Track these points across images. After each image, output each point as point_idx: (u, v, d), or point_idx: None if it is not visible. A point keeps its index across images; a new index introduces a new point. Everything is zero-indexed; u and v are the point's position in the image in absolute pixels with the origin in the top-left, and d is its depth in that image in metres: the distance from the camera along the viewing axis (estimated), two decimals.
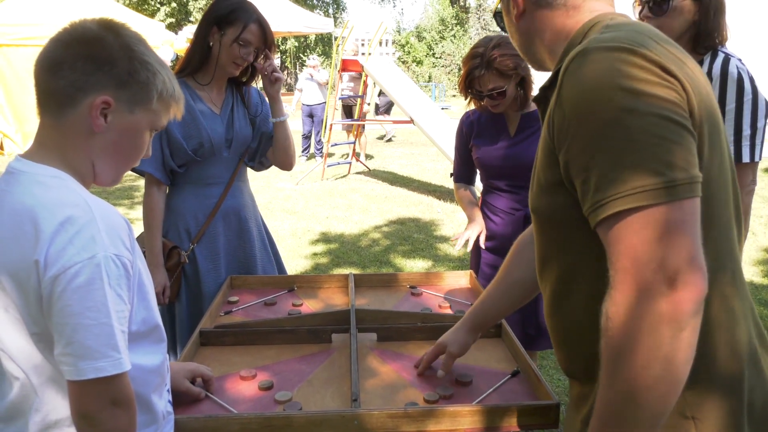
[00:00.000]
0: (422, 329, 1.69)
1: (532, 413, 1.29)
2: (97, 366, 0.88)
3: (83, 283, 0.88)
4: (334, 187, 7.75)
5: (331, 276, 2.17)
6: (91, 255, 0.89)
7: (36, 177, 0.95)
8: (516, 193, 2.17)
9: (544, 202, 0.95)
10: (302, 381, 1.46)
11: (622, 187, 0.77)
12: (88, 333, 0.88)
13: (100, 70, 0.96)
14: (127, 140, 1.02)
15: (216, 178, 2.08)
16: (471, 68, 2.05)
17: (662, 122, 0.77)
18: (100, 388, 0.90)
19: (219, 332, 1.66)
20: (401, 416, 1.25)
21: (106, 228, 0.92)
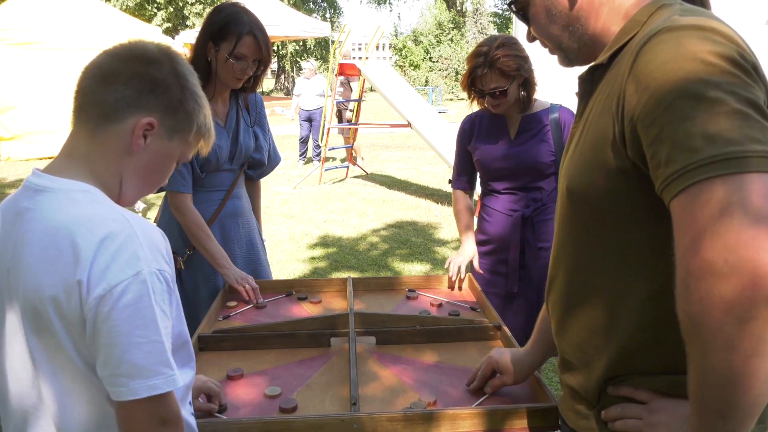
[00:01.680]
0: (421, 332, 1.69)
1: (532, 416, 1.28)
2: (150, 384, 0.87)
3: (131, 302, 0.86)
4: (332, 191, 7.75)
5: (329, 280, 2.17)
6: (136, 272, 0.87)
7: (66, 193, 0.92)
8: (514, 194, 2.18)
9: (591, 183, 0.91)
10: (301, 385, 1.46)
11: (694, 157, 0.72)
12: (139, 351, 0.86)
13: (153, 92, 0.96)
14: (159, 165, 1.02)
15: (218, 186, 2.10)
16: (474, 66, 2.06)
17: (746, 103, 0.73)
18: (151, 407, 0.88)
19: (217, 337, 1.66)
20: (400, 419, 1.25)
21: (146, 243, 0.90)
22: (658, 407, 0.89)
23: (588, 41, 0.98)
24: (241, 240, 2.19)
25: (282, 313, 1.94)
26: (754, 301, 0.68)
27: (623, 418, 0.93)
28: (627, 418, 0.92)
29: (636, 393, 0.92)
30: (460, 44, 37.58)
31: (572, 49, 1.01)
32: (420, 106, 7.58)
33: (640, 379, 0.92)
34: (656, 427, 0.88)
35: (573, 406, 1.03)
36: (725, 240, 0.69)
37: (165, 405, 0.90)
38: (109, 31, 9.51)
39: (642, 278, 0.89)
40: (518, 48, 2.06)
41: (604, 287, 0.93)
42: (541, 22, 1.02)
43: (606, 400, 0.96)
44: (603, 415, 0.95)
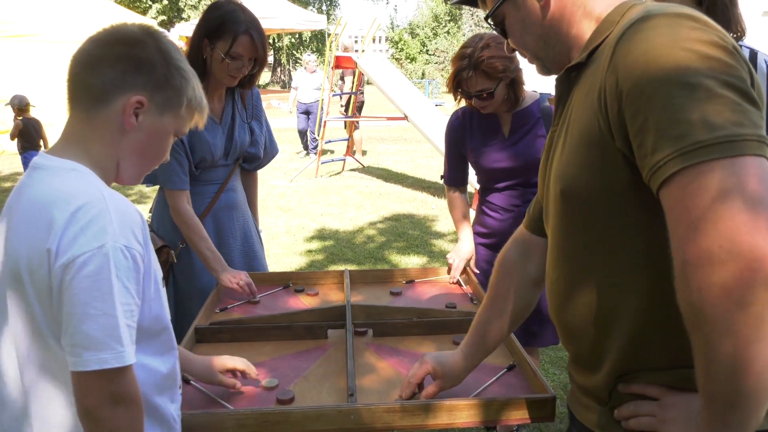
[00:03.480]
0: (418, 324, 1.69)
1: (529, 406, 1.29)
2: (101, 357, 0.88)
3: (91, 273, 0.88)
4: (329, 184, 7.74)
5: (326, 272, 2.17)
6: (100, 244, 0.89)
7: (56, 171, 0.96)
8: (514, 190, 2.16)
9: (583, 182, 0.91)
10: (298, 377, 1.46)
11: (682, 143, 0.72)
12: (93, 323, 0.88)
13: (138, 71, 0.99)
14: (154, 142, 1.05)
15: (212, 180, 2.09)
16: (459, 69, 2.01)
17: (729, 87, 0.73)
18: (101, 381, 0.89)
19: (214, 329, 1.66)
20: (398, 411, 1.25)
21: (119, 220, 0.93)
22: (670, 403, 0.89)
23: (564, 49, 0.99)
24: (236, 232, 2.18)
25: (279, 305, 1.94)
26: (753, 286, 0.68)
27: (636, 416, 0.92)
28: (640, 416, 0.91)
29: (647, 389, 0.91)
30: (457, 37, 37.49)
31: (549, 58, 1.02)
32: (416, 98, 7.56)
33: (650, 375, 0.92)
34: (670, 422, 0.87)
35: (582, 400, 1.03)
36: (720, 226, 0.69)
37: (117, 382, 0.91)
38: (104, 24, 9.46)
39: (644, 273, 0.88)
40: (504, 47, 2.01)
41: (605, 284, 0.93)
42: (516, 34, 1.03)
43: (617, 398, 0.95)
44: (616, 414, 0.94)
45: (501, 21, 1.04)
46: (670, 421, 0.87)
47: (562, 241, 1.00)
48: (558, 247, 1.01)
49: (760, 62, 1.72)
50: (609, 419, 0.96)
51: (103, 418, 0.90)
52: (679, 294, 0.74)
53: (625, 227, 0.88)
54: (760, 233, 0.67)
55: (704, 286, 0.70)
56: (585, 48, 0.94)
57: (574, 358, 1.04)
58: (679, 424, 0.86)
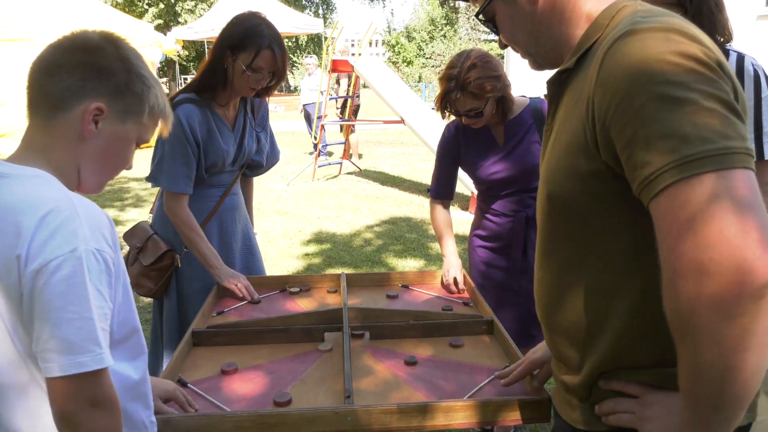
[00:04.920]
0: (414, 327, 1.70)
1: (524, 408, 1.30)
2: (79, 361, 0.87)
3: (65, 277, 0.87)
4: (325, 188, 7.75)
5: (323, 276, 2.18)
6: (72, 248, 0.88)
7: (19, 178, 0.95)
8: (515, 196, 2.16)
9: (569, 188, 0.92)
10: (295, 380, 1.47)
11: (672, 156, 0.73)
12: (70, 327, 0.87)
13: (98, 78, 0.99)
14: (115, 149, 1.04)
15: (218, 184, 2.12)
16: (446, 91, 2.00)
17: (715, 100, 0.74)
18: (80, 385, 0.88)
19: (211, 332, 1.67)
20: (395, 412, 1.26)
21: (88, 223, 0.92)
22: (650, 401, 0.90)
23: (554, 45, 0.99)
24: (238, 234, 2.20)
25: (276, 308, 1.94)
26: (741, 297, 0.69)
27: (616, 413, 0.93)
28: (620, 413, 0.93)
29: (628, 387, 0.93)
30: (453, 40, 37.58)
31: (539, 54, 1.03)
32: (413, 102, 7.58)
33: (631, 374, 0.93)
34: (649, 420, 0.89)
35: (565, 398, 1.04)
36: (708, 238, 0.70)
37: (95, 385, 0.90)
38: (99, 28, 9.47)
39: (628, 277, 0.90)
40: (491, 66, 1.99)
41: (590, 287, 0.94)
42: (507, 30, 1.04)
43: (597, 395, 0.97)
44: (596, 410, 0.96)
45: (492, 17, 1.05)
46: (649, 419, 0.89)
47: (547, 241, 1.01)
48: (544, 248, 1.02)
49: (747, 66, 1.74)
50: (590, 415, 0.98)
51: (83, 422, 0.89)
52: (667, 303, 0.75)
53: (610, 233, 0.89)
54: (749, 245, 0.68)
55: (693, 297, 0.71)
56: (574, 52, 0.95)
57: (558, 356, 1.06)
58: (658, 422, 0.87)
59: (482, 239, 2.26)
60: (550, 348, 1.08)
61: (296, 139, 12.27)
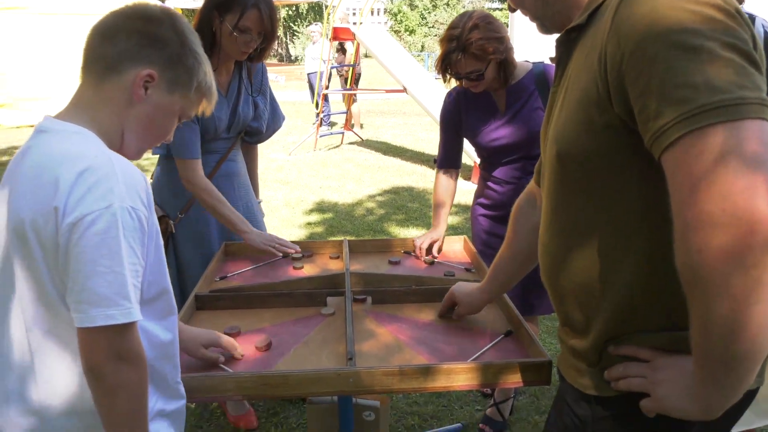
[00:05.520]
0: (416, 292, 1.71)
1: (525, 370, 1.31)
2: (108, 313, 0.90)
3: (100, 231, 0.90)
4: (327, 158, 7.73)
5: (325, 242, 2.19)
6: (108, 204, 0.91)
7: (62, 134, 0.99)
8: (517, 163, 2.14)
9: (581, 144, 0.90)
10: (298, 342, 1.48)
11: (685, 107, 0.72)
12: (101, 280, 0.90)
13: (153, 46, 1.03)
14: (160, 118, 1.07)
15: (214, 151, 2.10)
16: (447, 52, 1.96)
17: (732, 49, 0.73)
18: (108, 337, 0.91)
19: (214, 296, 1.68)
20: (396, 374, 1.27)
21: (124, 182, 0.94)
22: (661, 364, 0.90)
23: (563, 8, 0.98)
24: (237, 203, 2.19)
25: (279, 274, 1.95)
26: (753, 249, 0.68)
27: (626, 377, 0.93)
28: (630, 377, 0.92)
29: (638, 351, 0.92)
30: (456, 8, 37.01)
31: (547, 16, 1.01)
32: (416, 71, 7.50)
33: (641, 337, 0.92)
34: (661, 384, 0.88)
35: (573, 363, 1.04)
36: (721, 189, 0.69)
37: (123, 339, 0.93)
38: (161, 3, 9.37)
39: (637, 236, 0.89)
40: (493, 27, 1.95)
41: (600, 247, 0.93)
42: None
43: (607, 360, 0.96)
44: (606, 374, 0.96)
45: None
46: (661, 382, 0.88)
47: (556, 203, 1.00)
48: (552, 209, 1.01)
49: (758, 27, 1.71)
50: (599, 380, 0.98)
51: (109, 375, 0.92)
52: (678, 257, 0.75)
53: (621, 190, 0.88)
54: (761, 196, 0.68)
55: (704, 249, 0.70)
56: (586, 8, 0.93)
57: (565, 321, 1.05)
58: (670, 384, 0.87)
59: (484, 207, 2.25)
60: (557, 313, 1.08)
61: (298, 110, 12.19)
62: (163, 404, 1.10)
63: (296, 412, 2.47)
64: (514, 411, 2.47)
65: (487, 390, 2.58)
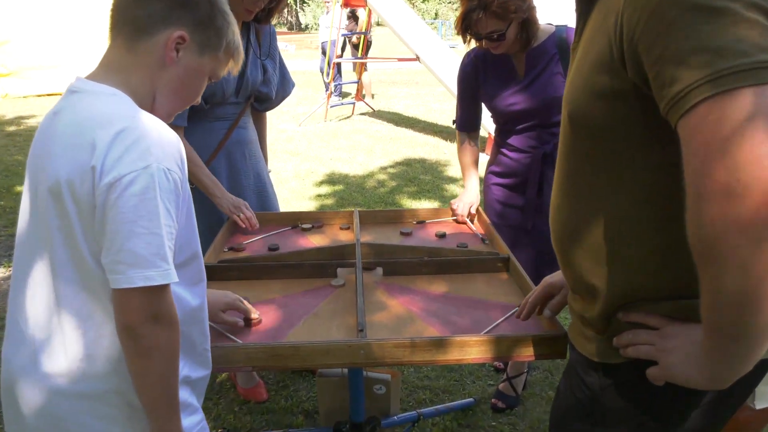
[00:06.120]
0: (428, 264, 1.70)
1: (540, 343, 1.30)
2: (147, 275, 0.91)
3: (138, 192, 0.91)
4: (338, 128, 7.69)
5: (336, 212, 2.18)
6: (146, 165, 0.92)
7: (96, 95, 0.99)
8: (533, 131, 2.11)
9: (592, 107, 0.88)
10: (308, 314, 1.48)
11: (706, 71, 0.69)
12: (139, 241, 0.91)
13: (184, 8, 1.03)
14: (190, 80, 1.08)
15: (223, 117, 2.08)
16: (468, 10, 1.91)
17: (755, 9, 0.70)
18: (144, 298, 0.92)
19: (223, 267, 1.68)
20: (408, 346, 1.26)
21: (161, 142, 0.95)
22: (670, 332, 0.89)
23: None
24: (248, 171, 2.19)
25: (288, 244, 1.95)
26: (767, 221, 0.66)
27: (635, 344, 0.93)
28: (639, 344, 0.92)
29: (647, 318, 0.92)
30: None
31: None
32: (429, 39, 7.39)
33: (650, 305, 0.92)
34: (669, 352, 0.88)
35: (581, 330, 1.04)
36: (737, 158, 0.67)
37: (159, 300, 0.94)
38: None
39: (648, 203, 0.88)
40: None
41: (610, 214, 0.92)
42: None
43: (615, 327, 0.96)
44: (614, 341, 0.96)
45: None
46: (669, 351, 0.88)
47: (567, 166, 0.99)
48: (564, 173, 1.00)
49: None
50: (607, 348, 0.97)
51: (144, 336, 0.93)
52: (690, 228, 0.73)
53: (633, 157, 0.87)
54: None
55: (717, 221, 0.69)
56: None
57: (574, 287, 1.05)
58: (678, 353, 0.87)
59: (497, 176, 2.23)
60: (566, 279, 1.07)
61: (308, 79, 12.11)
62: (189, 371, 1.11)
63: (306, 385, 2.49)
64: (528, 386, 2.47)
65: (500, 364, 2.58)
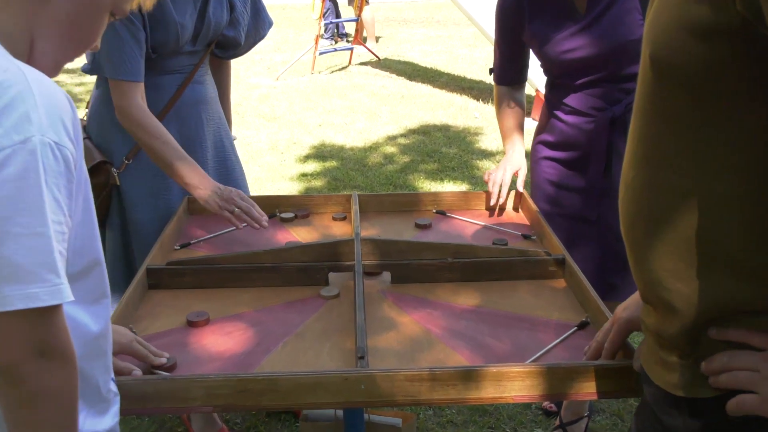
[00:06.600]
0: (453, 267, 1.70)
1: (605, 377, 1.30)
2: (29, 293, 0.86)
3: (14, 176, 0.86)
4: (330, 84, 7.72)
5: (327, 197, 2.19)
6: (24, 138, 0.87)
7: None
8: (598, 87, 2.11)
9: (682, 48, 0.89)
10: (289, 334, 1.48)
11: None
12: (17, 245, 0.86)
13: None
14: (84, 17, 1.04)
15: (174, 69, 2.10)
16: None
17: None
18: (27, 326, 0.88)
19: (174, 270, 1.68)
20: (425, 379, 1.26)
21: (45, 105, 0.91)
22: None
23: None
24: (207, 141, 2.20)
25: (263, 240, 1.96)
26: None
27: (731, 370, 0.93)
28: (736, 370, 0.92)
29: (750, 337, 0.92)
30: None
31: None
32: None
33: (753, 320, 0.92)
34: None
35: (658, 355, 1.04)
36: None
37: (48, 327, 0.90)
38: None
39: (755, 180, 0.89)
40: None
41: (702, 192, 0.92)
42: None
43: (706, 347, 0.96)
44: (703, 367, 0.96)
45: None
46: None
47: (646, 129, 0.99)
48: (640, 139, 1.00)
49: None
50: (692, 376, 0.98)
51: (29, 376, 0.90)
52: None
53: (741, 118, 0.88)
54: None
55: None
56: None
57: (649, 296, 1.05)
58: None
59: (550, 147, 2.23)
60: (638, 283, 1.07)
61: (290, 16, 12.12)
62: (93, 422, 1.09)
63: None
64: None
65: (551, 405, 2.59)
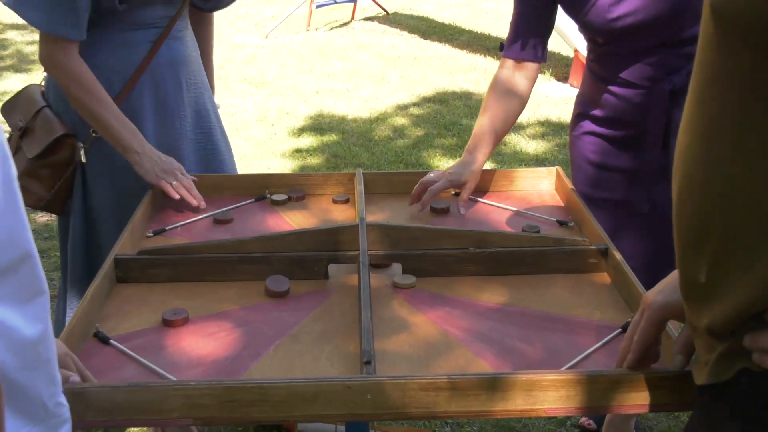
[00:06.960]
0: (476, 258, 1.71)
1: (656, 386, 1.30)
2: None
3: None
4: (328, 43, 7.71)
5: (327, 175, 2.19)
6: None
7: None
8: (653, 55, 2.10)
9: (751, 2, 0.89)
10: (283, 336, 1.50)
11: None
12: None
13: None
14: None
15: (148, 23, 2.10)
16: None
17: None
18: None
19: (147, 261, 1.70)
20: (443, 388, 1.27)
21: None
22: None
23: None
24: (185, 109, 2.21)
25: (251, 225, 1.97)
26: None
27: None
28: None
29: None
30: None
31: None
32: None
33: None
34: None
35: (707, 352, 1.07)
36: None
37: None
38: None
39: None
40: None
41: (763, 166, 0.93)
42: None
43: None
44: (746, 341, 0.98)
45: None
46: None
47: (704, 88, 1.00)
48: (699, 97, 1.01)
49: None
50: (723, 364, 1.01)
51: None
52: None
53: None
54: None
55: None
56: None
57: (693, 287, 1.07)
58: None
59: (595, 122, 2.23)
60: (680, 261, 1.08)
61: None
62: None
63: None
64: None
65: (590, 422, 2.60)
